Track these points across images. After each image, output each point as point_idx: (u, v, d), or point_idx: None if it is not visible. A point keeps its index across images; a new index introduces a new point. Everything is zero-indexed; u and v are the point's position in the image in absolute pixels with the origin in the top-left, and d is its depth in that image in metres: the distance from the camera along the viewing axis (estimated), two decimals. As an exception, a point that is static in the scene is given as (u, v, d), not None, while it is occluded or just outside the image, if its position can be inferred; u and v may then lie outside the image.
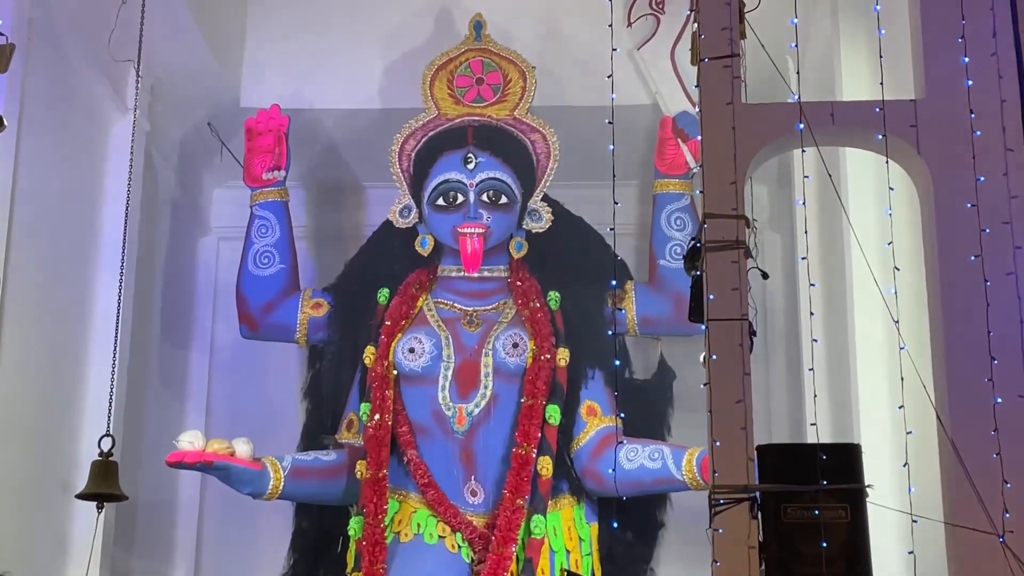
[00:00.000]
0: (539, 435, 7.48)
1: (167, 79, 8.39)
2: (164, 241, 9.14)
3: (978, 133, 5.28)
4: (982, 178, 5.23)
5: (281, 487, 7.43)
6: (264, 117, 8.28)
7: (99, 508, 6.41)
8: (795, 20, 5.65)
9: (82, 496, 6.39)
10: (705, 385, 5.11)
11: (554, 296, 7.93)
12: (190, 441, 7.10)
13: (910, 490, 5.13)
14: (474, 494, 7.55)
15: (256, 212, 8.27)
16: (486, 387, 7.66)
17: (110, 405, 6.44)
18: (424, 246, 8.10)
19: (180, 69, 8.33)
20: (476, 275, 8.00)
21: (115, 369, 6.59)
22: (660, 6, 8.73)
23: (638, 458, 7.42)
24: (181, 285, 9.38)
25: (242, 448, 7.26)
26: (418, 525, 7.51)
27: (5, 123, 5.59)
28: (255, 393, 9.17)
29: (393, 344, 7.78)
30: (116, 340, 6.80)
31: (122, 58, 7.53)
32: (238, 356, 9.13)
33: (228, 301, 8.53)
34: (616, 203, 5.93)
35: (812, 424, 5.36)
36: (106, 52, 7.58)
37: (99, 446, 6.30)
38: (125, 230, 6.72)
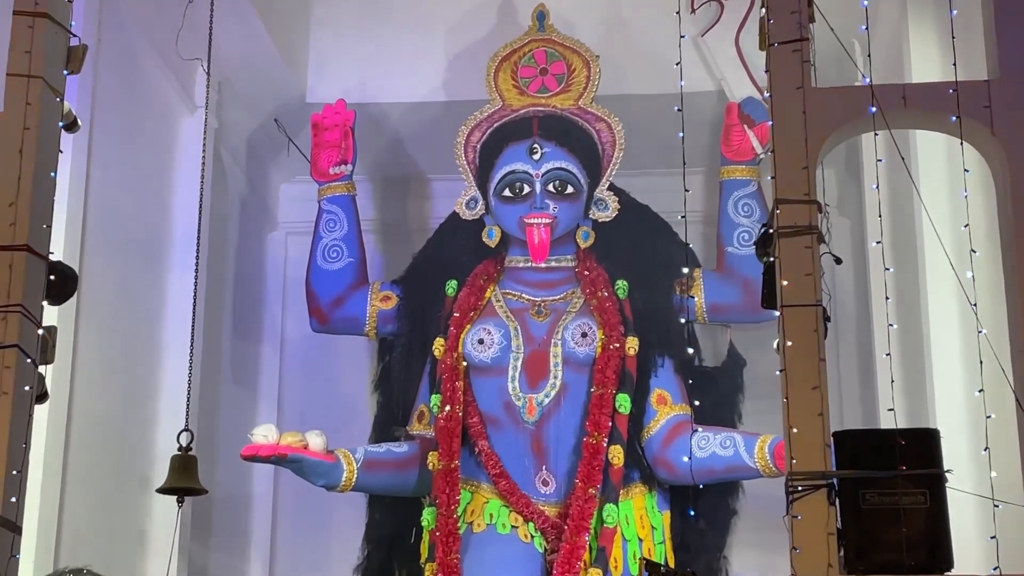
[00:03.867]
0: (609, 424, 7.48)
1: (234, 76, 8.46)
2: (233, 237, 9.23)
3: (1054, 112, 5.21)
4: (1059, 157, 5.16)
5: (354, 479, 7.50)
6: (330, 112, 8.33)
7: (179, 502, 6.48)
8: (865, 2, 5.60)
9: (163, 490, 6.47)
10: (780, 372, 5.08)
11: (622, 285, 7.92)
12: (264, 435, 7.18)
13: (991, 475, 5.08)
14: (545, 484, 7.56)
15: (324, 206, 8.32)
16: (556, 377, 7.67)
17: (188, 399, 6.51)
18: (491, 237, 8.11)
19: (247, 66, 8.40)
20: (544, 265, 8.00)
21: (192, 363, 6.66)
22: (723, -8, 8.69)
23: (710, 446, 7.40)
24: (251, 280, 9.47)
25: (315, 441, 7.32)
26: (491, 515, 7.53)
27: (80, 123, 5.66)
28: (326, 386, 9.24)
29: (462, 335, 7.80)
30: (193, 335, 6.88)
31: (189, 57, 7.61)
32: (308, 350, 9.21)
33: (298, 295, 8.60)
34: (687, 191, 5.91)
35: (889, 409, 5.31)
36: (174, 51, 7.66)
37: (178, 440, 6.37)
38: (200, 227, 6.79)
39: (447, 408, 7.62)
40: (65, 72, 5.48)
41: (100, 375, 7.15)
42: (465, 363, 7.76)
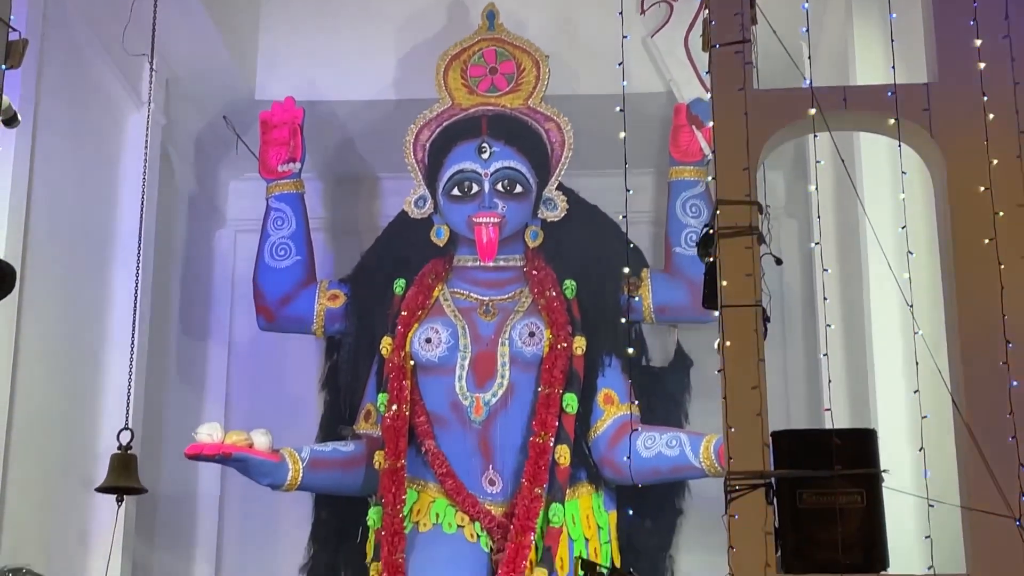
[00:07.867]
0: (556, 424, 7.50)
1: (182, 73, 8.40)
2: (181, 234, 9.17)
3: (991, 116, 5.24)
4: (995, 161, 5.20)
5: (300, 478, 7.49)
6: (279, 109, 8.29)
7: (119, 501, 6.43)
8: (807, 5, 5.62)
9: (101, 489, 6.42)
10: (720, 371, 5.10)
11: (570, 284, 7.93)
12: (209, 433, 7.16)
13: (926, 474, 5.11)
14: (492, 483, 7.56)
15: (272, 204, 8.29)
16: (503, 376, 7.67)
17: (128, 397, 6.46)
18: (440, 236, 8.11)
19: (195, 63, 8.33)
20: (492, 264, 8.01)
21: (133, 363, 6.61)
22: (673, -7, 8.70)
23: (656, 446, 7.42)
24: (198, 278, 9.41)
25: (260, 439, 7.31)
26: (436, 515, 7.53)
27: (20, 118, 5.58)
28: (273, 385, 9.19)
29: (410, 334, 7.79)
30: (134, 334, 6.81)
31: (136, 52, 7.53)
32: (256, 348, 9.16)
33: (245, 293, 8.57)
34: (628, 191, 5.91)
35: (827, 409, 5.35)
36: (120, 47, 7.59)
37: (118, 439, 6.32)
38: (141, 224, 6.74)
39: (394, 407, 7.61)
40: (3, 67, 5.40)
41: (42, 373, 7.07)
42: (412, 362, 7.75)
